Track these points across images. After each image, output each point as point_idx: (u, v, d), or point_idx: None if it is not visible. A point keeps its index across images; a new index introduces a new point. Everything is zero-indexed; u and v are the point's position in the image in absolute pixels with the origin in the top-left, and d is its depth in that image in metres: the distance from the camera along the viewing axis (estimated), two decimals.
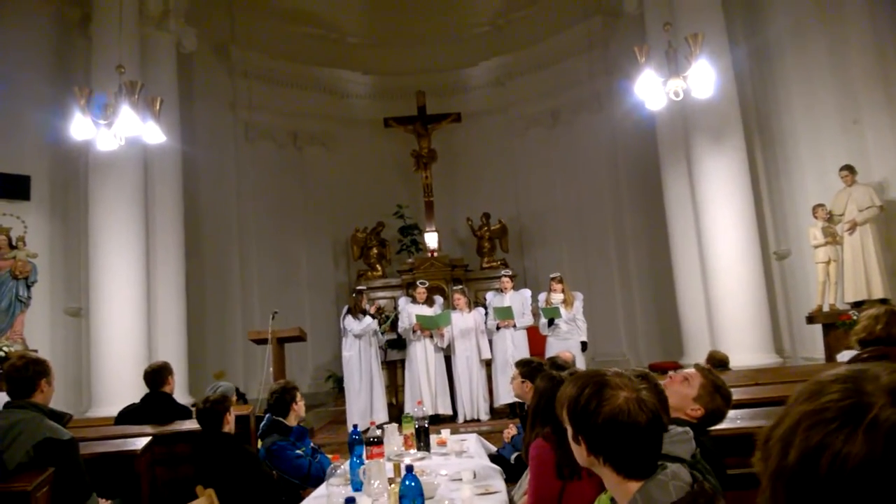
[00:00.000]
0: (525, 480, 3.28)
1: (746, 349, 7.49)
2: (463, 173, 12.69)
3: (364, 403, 7.49)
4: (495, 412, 7.90)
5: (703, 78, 5.68)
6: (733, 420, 2.76)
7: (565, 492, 2.76)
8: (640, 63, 5.67)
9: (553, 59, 12.15)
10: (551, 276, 8.09)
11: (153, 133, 5.81)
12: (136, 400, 5.09)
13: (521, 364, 4.17)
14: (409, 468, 2.42)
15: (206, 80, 11.23)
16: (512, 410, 7.71)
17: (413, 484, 2.33)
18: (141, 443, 3.68)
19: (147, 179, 8.60)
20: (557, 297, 7.90)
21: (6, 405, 3.02)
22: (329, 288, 12.51)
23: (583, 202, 11.84)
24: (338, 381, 11.09)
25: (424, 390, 7.61)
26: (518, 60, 12.53)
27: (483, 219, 11.91)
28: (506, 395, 7.72)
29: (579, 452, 1.60)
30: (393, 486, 2.75)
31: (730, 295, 7.96)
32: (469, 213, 12.06)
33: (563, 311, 7.77)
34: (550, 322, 7.77)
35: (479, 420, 7.66)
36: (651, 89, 5.71)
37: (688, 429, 2.21)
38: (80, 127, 5.66)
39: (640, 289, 11.12)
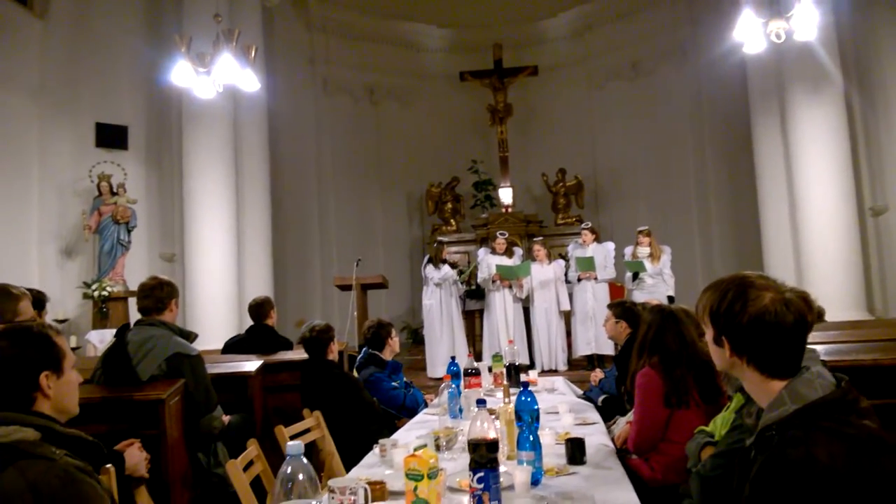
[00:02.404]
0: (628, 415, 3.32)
1: (838, 307, 7.23)
2: (539, 128, 12.55)
3: (446, 351, 7.63)
4: (573, 364, 7.94)
5: (806, 19, 5.42)
6: (847, 353, 2.72)
7: (672, 419, 2.80)
8: (739, 4, 5.46)
9: (634, 7, 11.78)
10: (639, 229, 8.00)
11: (249, 80, 5.98)
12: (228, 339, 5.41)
13: (614, 305, 4.20)
14: (525, 384, 2.49)
15: (286, 35, 11.39)
16: (590, 362, 7.75)
17: (529, 399, 2.40)
18: (254, 365, 3.90)
19: (235, 130, 8.87)
20: (644, 251, 7.80)
21: (137, 322, 3.25)
22: (404, 242, 12.71)
23: (663, 157, 11.54)
24: (413, 333, 11.37)
25: (503, 340, 7.69)
26: (597, 10, 12.19)
27: (559, 174, 11.79)
28: (584, 346, 7.76)
29: (720, 355, 1.62)
30: (505, 405, 2.84)
31: (821, 251, 7.70)
32: (544, 169, 11.95)
33: (648, 265, 7.68)
34: (635, 276, 7.71)
35: (556, 371, 7.71)
36: (751, 31, 5.49)
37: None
38: (182, 73, 5.87)
39: (721, 246, 10.84)
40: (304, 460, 1.40)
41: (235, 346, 4.88)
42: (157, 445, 2.88)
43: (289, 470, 1.37)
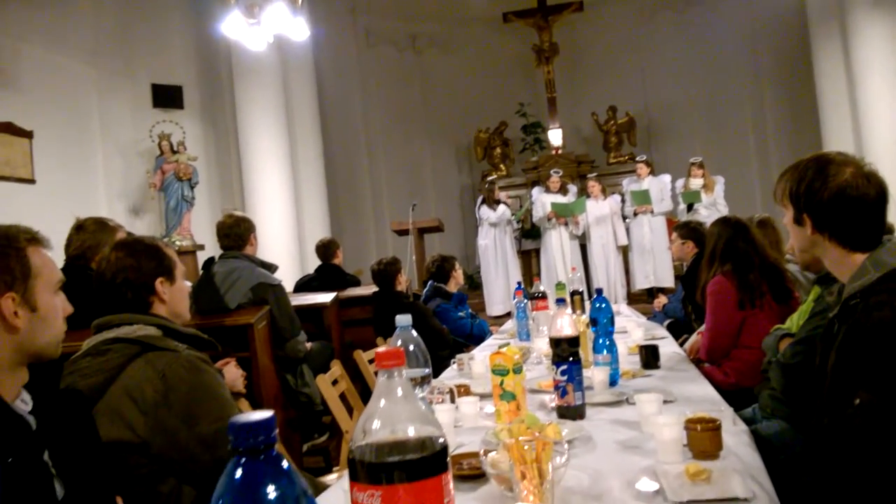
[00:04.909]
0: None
1: None
2: (586, 66, 12.28)
3: (503, 289, 7.75)
4: (632, 298, 7.96)
5: None
6: None
7: (745, 325, 2.84)
8: None
9: None
10: (692, 160, 7.88)
11: (299, 28, 6.04)
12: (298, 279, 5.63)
13: (679, 227, 4.22)
14: (599, 290, 2.56)
15: None
16: (649, 295, 7.75)
17: (604, 305, 2.47)
18: (329, 297, 4.07)
19: (285, 83, 8.98)
20: (697, 182, 7.72)
21: (221, 256, 3.42)
22: (454, 189, 12.74)
23: (717, 88, 11.20)
24: (468, 278, 11.48)
25: (561, 277, 7.75)
26: None
27: (609, 112, 11.60)
28: (643, 280, 7.76)
29: (800, 234, 1.65)
30: (578, 315, 2.92)
31: (889, 175, 7.42)
32: (594, 108, 11.75)
33: (703, 195, 7.60)
34: (690, 207, 7.63)
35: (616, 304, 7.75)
36: None
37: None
38: (233, 25, 5.96)
39: None
40: (414, 332, 1.51)
41: (306, 286, 5.07)
42: (249, 367, 3.07)
43: (399, 342, 1.48)
